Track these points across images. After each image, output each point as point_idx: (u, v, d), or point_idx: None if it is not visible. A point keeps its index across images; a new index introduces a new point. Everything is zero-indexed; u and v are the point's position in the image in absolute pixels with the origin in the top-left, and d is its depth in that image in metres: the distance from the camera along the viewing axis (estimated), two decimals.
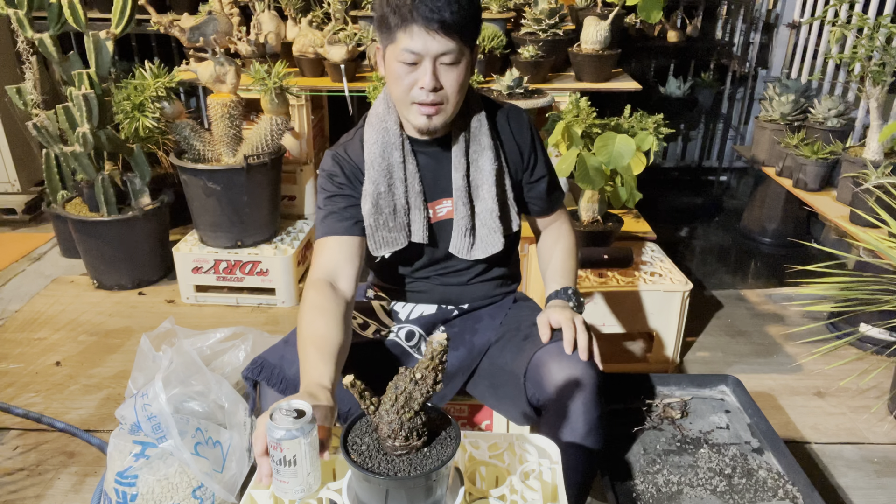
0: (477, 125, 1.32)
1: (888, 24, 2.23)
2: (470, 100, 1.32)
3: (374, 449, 0.86)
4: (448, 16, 1.12)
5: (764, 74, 3.81)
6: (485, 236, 1.33)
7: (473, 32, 1.20)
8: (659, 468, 1.37)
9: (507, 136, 1.35)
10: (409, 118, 1.24)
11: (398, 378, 0.84)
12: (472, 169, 1.31)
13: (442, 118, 1.23)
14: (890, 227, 1.70)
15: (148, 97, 2.35)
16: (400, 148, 1.30)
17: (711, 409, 1.56)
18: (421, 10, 1.12)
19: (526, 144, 1.37)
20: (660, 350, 2.09)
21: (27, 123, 2.45)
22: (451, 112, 1.23)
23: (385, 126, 1.30)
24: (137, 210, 2.53)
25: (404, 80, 1.18)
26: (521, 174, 1.38)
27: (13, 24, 2.38)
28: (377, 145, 1.29)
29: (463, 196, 1.31)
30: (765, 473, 1.35)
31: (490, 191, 1.31)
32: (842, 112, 2.64)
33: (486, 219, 1.32)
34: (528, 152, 1.37)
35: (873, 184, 2.08)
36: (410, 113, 1.22)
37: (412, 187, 1.30)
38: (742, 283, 2.79)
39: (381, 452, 0.86)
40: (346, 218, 1.29)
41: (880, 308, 1.62)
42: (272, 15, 2.92)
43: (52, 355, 2.18)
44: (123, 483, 1.38)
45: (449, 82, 1.19)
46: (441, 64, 1.16)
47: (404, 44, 1.14)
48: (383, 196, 1.29)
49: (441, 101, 1.20)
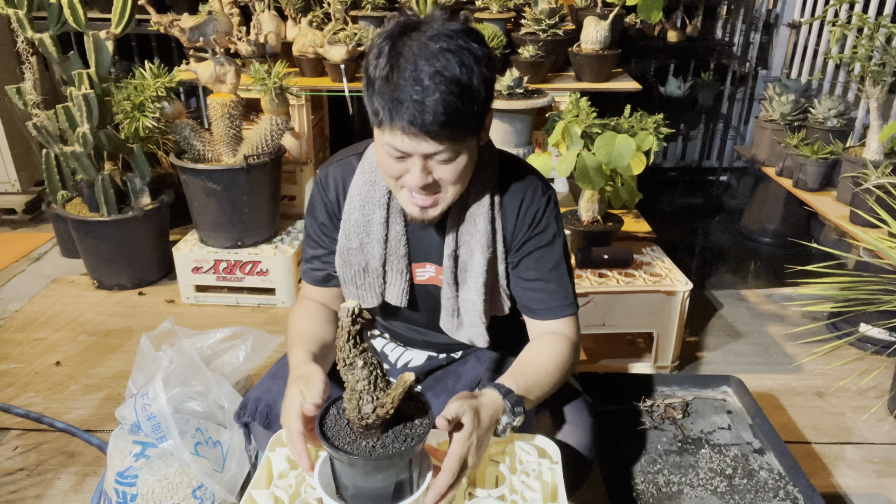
0: (475, 205, 1.13)
1: (888, 24, 2.23)
2: (480, 170, 1.11)
3: (347, 427, 0.88)
4: (433, 122, 0.92)
5: (764, 74, 3.81)
6: (469, 324, 1.19)
7: (474, 125, 0.99)
8: (660, 468, 1.37)
9: (512, 214, 1.15)
10: (401, 204, 1.09)
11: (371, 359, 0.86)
12: (461, 250, 1.15)
13: (440, 209, 1.06)
14: (890, 227, 1.70)
15: (148, 97, 2.35)
16: (385, 207, 1.15)
17: (713, 410, 1.56)
18: (403, 115, 0.92)
19: (524, 228, 1.15)
20: (660, 350, 2.09)
21: (27, 123, 2.45)
22: (451, 201, 1.07)
23: (373, 179, 1.15)
24: (137, 210, 2.53)
25: (392, 167, 1.01)
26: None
27: (13, 24, 2.38)
28: (359, 198, 1.15)
29: (450, 277, 1.16)
30: (766, 474, 1.35)
31: (476, 280, 1.15)
32: (842, 112, 2.64)
33: (468, 308, 1.17)
34: (523, 237, 1.15)
35: (873, 184, 2.08)
36: (401, 198, 1.07)
37: (395, 250, 1.17)
38: (742, 283, 2.79)
39: (354, 434, 0.88)
40: (323, 267, 1.23)
41: (880, 308, 1.62)
42: (272, 15, 2.92)
43: (52, 355, 2.17)
44: (123, 483, 1.38)
45: (446, 175, 1.01)
46: (434, 160, 0.99)
47: (389, 139, 0.97)
48: (354, 253, 1.17)
49: (437, 191, 1.04)
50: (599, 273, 2.09)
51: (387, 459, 0.84)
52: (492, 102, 1.03)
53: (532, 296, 1.18)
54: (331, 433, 0.87)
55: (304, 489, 0.97)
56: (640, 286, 2.01)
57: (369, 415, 0.84)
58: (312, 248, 1.24)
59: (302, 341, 1.10)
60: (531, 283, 1.18)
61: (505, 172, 1.16)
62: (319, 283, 1.25)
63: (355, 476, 0.87)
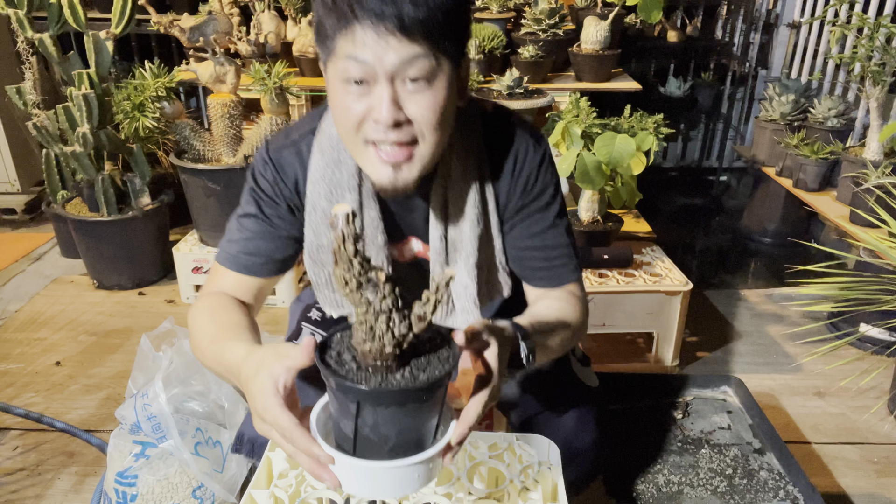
0: (460, 169, 0.96)
1: (888, 24, 2.23)
2: (463, 129, 0.95)
3: (354, 364, 0.71)
4: (409, 7, 0.75)
5: (764, 74, 3.81)
6: (461, 310, 1.05)
7: (455, 34, 0.82)
8: (660, 468, 1.37)
9: (503, 178, 1.00)
10: (366, 168, 0.87)
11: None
12: (450, 230, 1.00)
13: (416, 168, 0.85)
14: (890, 227, 1.70)
15: (148, 97, 2.35)
16: (356, 190, 0.97)
17: (713, 410, 1.56)
18: (368, 2, 0.75)
19: (518, 193, 1.00)
20: (660, 350, 2.09)
21: (27, 123, 2.45)
22: (429, 158, 0.85)
23: (337, 158, 0.96)
24: (137, 210, 2.53)
25: (351, 109, 0.81)
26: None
27: (13, 24, 2.38)
28: (322, 183, 0.96)
29: (439, 259, 1.01)
30: (766, 474, 1.35)
31: (467, 260, 1.00)
32: (842, 112, 2.64)
33: (459, 292, 1.04)
34: (517, 204, 1.01)
35: (873, 184, 2.08)
36: (366, 160, 0.86)
37: (371, 240, 1.00)
38: (742, 283, 2.79)
39: (363, 368, 0.70)
40: (253, 253, 1.01)
41: (880, 308, 1.62)
42: (272, 15, 2.92)
43: (52, 355, 2.17)
44: (123, 483, 1.38)
45: (421, 110, 0.81)
46: (406, 84, 0.79)
47: (348, 50, 0.77)
48: (325, 251, 1.00)
49: (412, 140, 0.83)
50: (599, 273, 2.08)
51: (425, 388, 0.67)
52: (471, 24, 0.90)
53: (529, 264, 1.04)
54: (340, 374, 0.69)
55: (304, 489, 0.97)
56: (640, 286, 2.01)
57: (399, 337, 0.66)
58: (247, 227, 1.02)
59: (234, 335, 0.88)
60: (527, 251, 1.03)
61: (491, 130, 0.99)
62: (248, 270, 1.01)
63: (378, 422, 0.69)
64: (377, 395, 0.67)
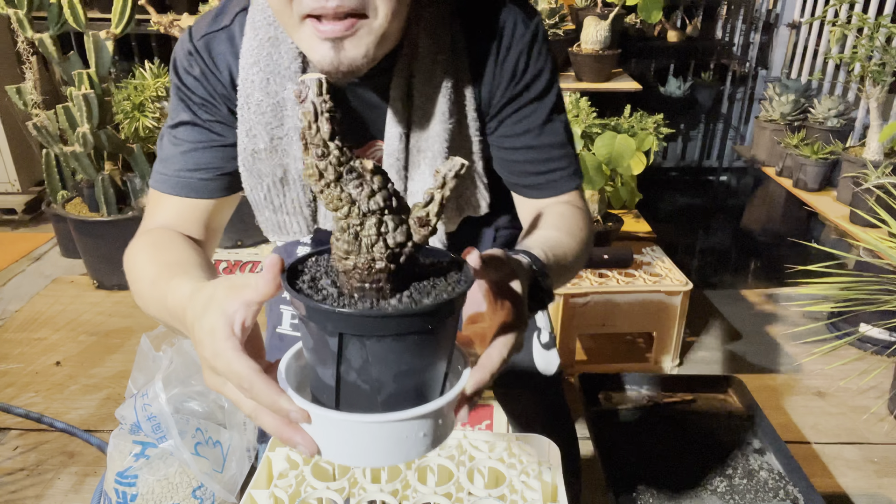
0: (429, 46, 0.77)
1: (888, 24, 2.23)
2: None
3: (334, 289, 0.52)
4: None
5: (764, 74, 3.81)
6: None
7: None
8: (660, 468, 1.37)
9: (485, 65, 0.81)
10: (304, 49, 0.70)
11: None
12: (414, 127, 0.81)
13: (364, 44, 0.67)
14: (890, 227, 1.70)
15: (148, 97, 2.35)
16: (298, 76, 0.77)
17: (713, 410, 1.56)
18: None
19: (503, 83, 0.81)
20: (660, 350, 2.09)
21: (27, 123, 2.45)
22: (380, 31, 0.68)
23: (274, 36, 0.77)
24: (137, 210, 2.53)
25: None
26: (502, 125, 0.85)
27: (13, 24, 2.38)
28: (256, 69, 0.77)
29: (396, 163, 0.82)
30: (766, 474, 1.35)
31: (433, 162, 0.82)
32: (842, 112, 2.64)
33: None
34: (503, 97, 0.82)
35: (873, 184, 2.08)
36: (301, 38, 0.68)
37: None
38: (742, 283, 2.79)
39: (347, 293, 0.51)
40: (195, 168, 0.82)
41: (880, 308, 1.62)
42: None
43: (52, 355, 2.17)
44: (123, 483, 1.38)
45: None
46: None
47: None
48: (262, 158, 0.81)
49: (359, 10, 0.65)
50: (599, 273, 2.09)
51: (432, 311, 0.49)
52: None
53: (520, 168, 0.86)
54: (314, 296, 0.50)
55: (304, 489, 0.97)
56: (640, 286, 2.01)
57: (394, 247, 0.49)
58: (178, 139, 0.83)
59: (181, 272, 0.69)
60: (517, 152, 0.86)
61: (468, 1, 0.81)
62: (189, 191, 0.82)
63: (368, 362, 0.50)
64: (366, 322, 0.49)
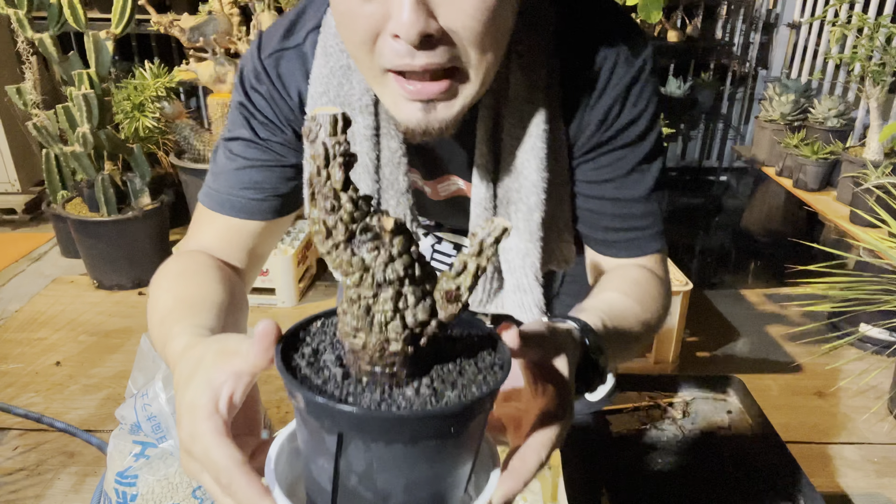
0: (523, 84, 0.66)
1: (888, 24, 2.24)
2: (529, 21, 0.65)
3: (338, 369, 0.43)
4: None
5: (764, 74, 3.81)
6: (515, 288, 0.77)
7: None
8: (660, 468, 1.37)
9: (580, 99, 0.69)
10: (386, 104, 0.61)
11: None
12: (503, 174, 0.71)
13: (459, 105, 0.58)
14: (890, 227, 1.70)
15: (148, 97, 2.35)
16: (371, 113, 0.69)
17: (713, 410, 1.56)
18: None
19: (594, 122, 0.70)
20: (660, 350, 2.09)
21: (27, 123, 2.45)
22: (478, 89, 0.58)
23: (346, 64, 0.68)
24: (137, 210, 2.53)
25: (357, 17, 0.54)
26: None
27: (13, 24, 2.38)
28: (326, 99, 0.70)
29: (485, 216, 0.73)
30: (766, 474, 1.35)
31: (529, 217, 0.71)
32: (842, 112, 2.64)
33: (515, 262, 0.75)
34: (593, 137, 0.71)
35: (873, 184, 2.08)
36: (385, 93, 0.59)
37: (391, 182, 0.71)
38: (742, 283, 2.79)
39: (353, 376, 0.43)
40: (249, 186, 0.74)
41: (880, 308, 1.62)
42: (272, 15, 2.92)
43: (52, 355, 2.17)
44: (123, 483, 1.38)
45: (463, 16, 0.52)
46: None
47: None
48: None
49: (452, 65, 0.55)
50: None
51: (456, 415, 0.40)
52: None
53: (598, 222, 0.75)
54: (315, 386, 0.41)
55: None
56: None
57: (414, 327, 0.40)
58: (235, 155, 0.75)
59: (192, 314, 0.59)
60: (593, 200, 0.74)
61: (568, 23, 0.67)
62: (240, 212, 0.75)
63: (373, 468, 0.41)
64: (371, 423, 0.40)
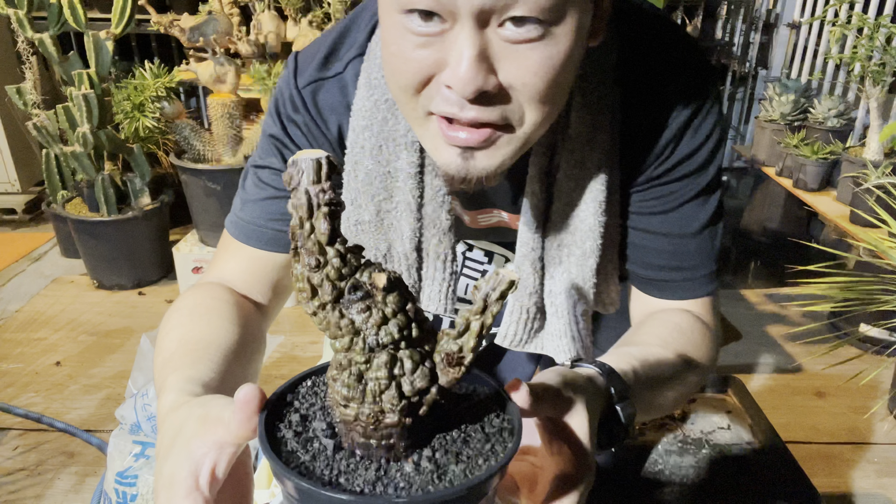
0: (585, 122, 0.62)
1: (888, 24, 2.24)
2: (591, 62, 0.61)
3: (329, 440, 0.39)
4: None
5: (764, 74, 3.80)
6: (556, 333, 0.71)
7: None
8: (660, 468, 1.37)
9: (639, 139, 0.65)
10: (426, 145, 0.57)
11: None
12: (555, 217, 0.66)
13: (500, 155, 0.54)
14: (890, 227, 1.70)
15: (148, 97, 2.35)
16: (415, 148, 0.65)
17: (713, 410, 1.56)
18: None
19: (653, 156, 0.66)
20: None
21: (27, 123, 2.45)
22: (523, 139, 0.54)
23: (391, 98, 0.63)
24: (137, 210, 2.53)
25: (408, 61, 0.50)
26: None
27: (13, 24, 2.38)
28: (369, 134, 0.65)
29: (531, 257, 0.67)
30: (766, 474, 1.35)
31: (583, 263, 0.67)
32: (842, 112, 2.64)
33: (561, 305, 0.69)
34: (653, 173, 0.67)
35: (873, 184, 2.08)
36: (425, 134, 0.56)
37: (434, 221, 0.67)
38: (742, 283, 2.79)
39: (347, 450, 0.39)
40: (277, 217, 0.71)
41: (880, 308, 1.62)
42: (272, 15, 2.92)
43: (52, 355, 2.17)
44: (123, 483, 1.38)
45: (524, 75, 0.49)
46: (505, 29, 0.48)
47: None
48: (366, 230, 0.69)
49: (500, 122, 0.52)
50: None
51: (460, 496, 0.37)
52: None
53: (640, 255, 0.71)
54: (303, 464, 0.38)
55: None
56: None
57: (411, 396, 0.37)
58: (265, 185, 0.73)
59: (192, 362, 0.56)
60: (638, 232, 0.70)
61: (632, 57, 0.63)
62: (267, 244, 0.72)
63: None
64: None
